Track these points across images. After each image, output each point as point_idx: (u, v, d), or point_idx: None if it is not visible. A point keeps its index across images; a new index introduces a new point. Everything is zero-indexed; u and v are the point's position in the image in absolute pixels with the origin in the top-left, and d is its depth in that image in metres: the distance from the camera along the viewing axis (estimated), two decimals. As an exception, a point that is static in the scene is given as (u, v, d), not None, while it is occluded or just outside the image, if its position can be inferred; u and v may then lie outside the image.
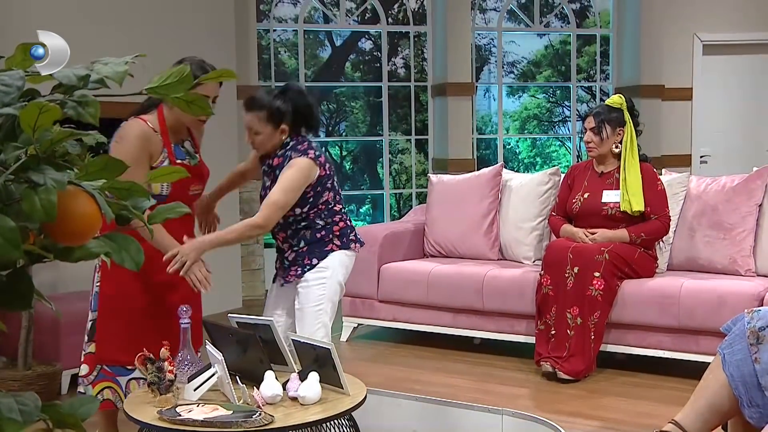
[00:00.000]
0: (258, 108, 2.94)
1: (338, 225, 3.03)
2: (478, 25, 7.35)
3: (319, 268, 2.99)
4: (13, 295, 0.98)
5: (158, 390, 2.48)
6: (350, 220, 3.12)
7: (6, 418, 0.94)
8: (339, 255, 3.01)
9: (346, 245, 3.05)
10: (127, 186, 1.08)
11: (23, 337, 3.86)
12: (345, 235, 3.05)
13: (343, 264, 3.04)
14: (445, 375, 3.73)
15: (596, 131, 3.82)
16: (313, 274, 3.00)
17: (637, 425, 2.94)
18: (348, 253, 3.06)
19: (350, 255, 3.07)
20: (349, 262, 3.07)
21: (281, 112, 2.95)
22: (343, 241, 3.04)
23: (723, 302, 3.44)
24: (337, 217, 3.04)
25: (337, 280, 3.01)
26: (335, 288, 3.02)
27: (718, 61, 7.24)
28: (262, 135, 2.95)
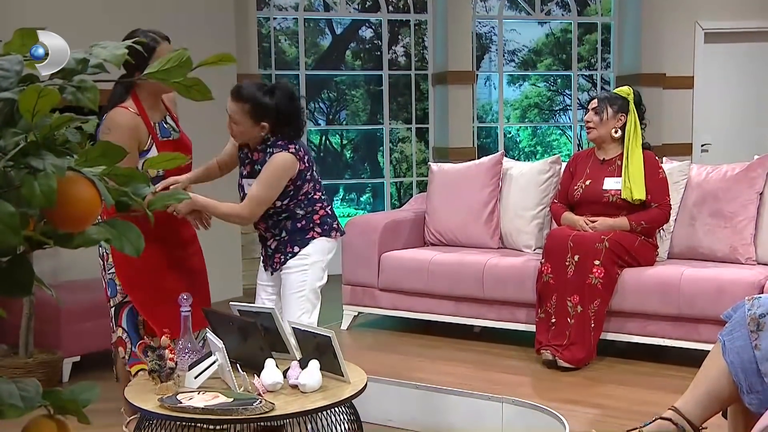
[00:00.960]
0: (243, 99, 2.95)
1: (318, 213, 3.07)
2: (479, 13, 7.32)
3: (300, 255, 3.05)
4: (13, 281, 0.98)
5: (159, 378, 2.49)
6: (331, 209, 3.16)
7: (8, 403, 0.94)
8: (320, 242, 3.06)
9: (327, 233, 3.09)
10: (127, 172, 1.08)
11: (24, 324, 3.87)
12: (325, 222, 3.09)
13: (324, 250, 3.08)
14: (445, 363, 3.73)
15: (597, 111, 3.82)
16: (295, 261, 3.05)
17: (637, 413, 2.95)
18: (329, 239, 3.10)
19: (331, 242, 3.11)
20: (330, 248, 3.11)
21: (264, 109, 2.94)
22: (324, 228, 3.08)
23: (723, 290, 3.44)
24: (317, 205, 3.08)
25: (318, 266, 3.07)
26: (317, 274, 3.07)
27: (719, 50, 7.22)
28: (241, 126, 2.96)
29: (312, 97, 7.27)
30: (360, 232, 4.41)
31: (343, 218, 7.20)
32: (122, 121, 2.80)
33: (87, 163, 1.03)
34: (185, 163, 2.92)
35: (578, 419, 2.95)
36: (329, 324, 4.28)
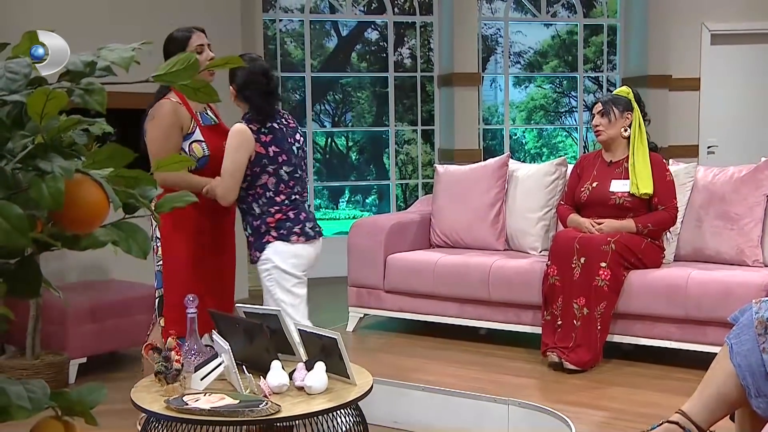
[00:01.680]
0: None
1: (273, 217, 3.09)
2: (485, 15, 7.32)
3: (261, 260, 3.12)
4: (21, 283, 0.99)
5: (165, 379, 2.49)
6: (297, 213, 3.13)
7: (16, 405, 0.94)
8: (275, 245, 3.09)
9: (285, 237, 3.10)
10: (134, 174, 1.08)
11: (31, 326, 3.88)
12: (282, 227, 3.10)
13: (282, 254, 3.10)
14: (451, 365, 3.73)
15: (603, 114, 3.82)
16: (259, 265, 3.14)
17: (643, 415, 2.94)
18: (287, 243, 3.10)
19: (291, 245, 3.11)
20: (293, 252, 3.11)
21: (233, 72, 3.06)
22: (281, 233, 3.10)
23: (730, 292, 3.43)
24: (274, 207, 3.09)
25: (280, 268, 3.10)
26: (281, 275, 3.11)
27: (725, 51, 7.20)
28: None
29: (318, 99, 7.28)
30: (366, 233, 4.41)
31: (348, 220, 7.21)
32: (163, 109, 3.04)
33: (94, 166, 1.03)
34: (193, 167, 3.04)
35: (584, 422, 2.94)
36: (335, 326, 4.28)
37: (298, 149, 3.21)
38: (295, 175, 3.16)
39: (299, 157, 3.21)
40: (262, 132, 3.07)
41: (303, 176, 3.22)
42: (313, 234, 3.18)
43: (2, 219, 0.87)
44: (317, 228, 3.22)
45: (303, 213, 3.17)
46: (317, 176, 7.18)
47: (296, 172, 3.16)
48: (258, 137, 3.06)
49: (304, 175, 3.24)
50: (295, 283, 3.14)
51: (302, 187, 3.21)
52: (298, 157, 3.20)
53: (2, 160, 0.92)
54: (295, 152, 3.17)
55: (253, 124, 3.07)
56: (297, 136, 3.24)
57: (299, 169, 3.19)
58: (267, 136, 3.07)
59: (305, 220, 3.16)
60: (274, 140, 3.09)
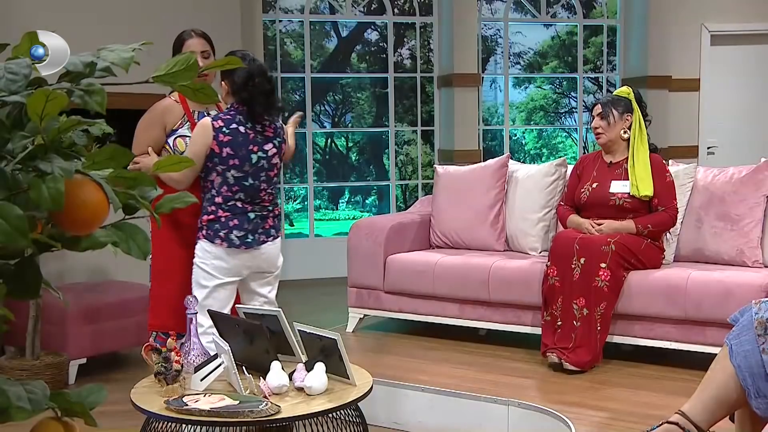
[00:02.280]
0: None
1: (208, 216, 3.10)
2: (485, 15, 7.32)
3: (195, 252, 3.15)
4: (21, 284, 0.99)
5: (165, 380, 2.49)
6: (229, 219, 3.10)
7: (15, 406, 0.94)
8: (202, 243, 3.12)
9: (211, 238, 3.10)
10: (134, 176, 1.09)
11: (31, 327, 3.88)
12: (211, 228, 3.09)
13: (203, 250, 3.11)
14: (450, 366, 3.73)
15: (603, 116, 3.82)
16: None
17: (643, 416, 2.94)
18: (212, 244, 3.10)
19: (215, 247, 3.10)
20: (216, 253, 3.10)
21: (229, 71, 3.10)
22: (208, 233, 3.10)
23: (730, 293, 3.43)
24: (212, 207, 3.10)
25: (198, 265, 3.12)
26: (200, 273, 3.12)
27: (725, 52, 7.20)
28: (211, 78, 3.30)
29: (318, 100, 7.28)
30: (365, 234, 4.41)
31: (348, 221, 7.21)
32: (157, 105, 3.21)
33: (94, 166, 1.04)
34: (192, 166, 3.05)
35: (584, 422, 2.94)
36: (335, 326, 4.28)
37: (261, 159, 3.12)
38: (244, 182, 3.09)
39: (258, 166, 3.11)
40: (223, 131, 3.06)
41: (257, 186, 3.12)
42: (239, 243, 3.09)
43: (2, 220, 0.87)
44: (248, 239, 3.10)
45: (235, 220, 3.09)
46: (317, 177, 7.18)
47: (246, 179, 3.09)
48: (217, 135, 3.05)
49: (261, 185, 3.13)
50: (214, 285, 3.10)
51: (251, 196, 3.12)
52: (257, 167, 3.11)
53: (2, 161, 0.92)
54: (252, 161, 3.09)
55: (218, 121, 3.07)
56: (267, 145, 3.14)
57: (252, 178, 3.10)
58: (226, 137, 3.06)
59: (234, 227, 3.08)
60: (231, 142, 3.06)
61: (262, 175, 3.14)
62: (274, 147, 3.17)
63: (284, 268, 6.85)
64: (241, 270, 3.14)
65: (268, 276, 3.24)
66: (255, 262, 3.15)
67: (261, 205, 3.16)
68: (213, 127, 3.06)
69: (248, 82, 3.04)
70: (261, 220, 3.15)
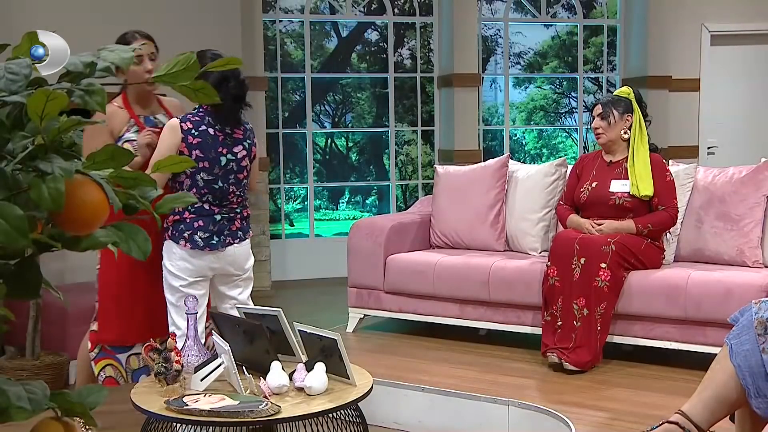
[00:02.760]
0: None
1: (174, 216, 3.09)
2: (485, 15, 7.32)
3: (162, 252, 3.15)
4: (21, 284, 0.98)
5: (165, 380, 2.49)
6: (194, 220, 3.10)
7: (15, 406, 0.94)
8: (168, 243, 3.12)
9: (176, 239, 3.10)
10: (134, 175, 1.09)
11: (31, 327, 3.89)
12: (176, 229, 3.10)
13: (169, 251, 3.12)
14: (451, 366, 3.73)
15: (603, 116, 3.82)
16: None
17: (643, 416, 2.94)
18: (177, 245, 3.10)
19: (179, 248, 3.10)
20: (180, 254, 3.10)
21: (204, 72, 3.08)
22: (174, 234, 3.11)
23: (730, 293, 3.43)
24: (177, 208, 3.06)
25: (165, 266, 3.12)
26: (166, 273, 3.13)
27: (726, 52, 7.20)
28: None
29: (318, 100, 7.28)
30: (365, 234, 4.41)
31: (348, 221, 7.21)
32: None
33: (94, 166, 1.03)
34: (194, 166, 3.05)
35: (584, 422, 2.94)
36: (335, 326, 4.28)
37: (230, 161, 3.12)
38: (214, 185, 3.09)
39: (227, 169, 3.12)
40: (192, 133, 3.05)
41: (226, 188, 3.12)
42: (203, 245, 3.10)
43: (2, 220, 0.87)
44: (212, 240, 3.11)
45: (200, 221, 3.09)
46: (317, 177, 7.18)
47: (216, 182, 3.09)
48: (186, 137, 3.05)
49: (229, 188, 3.13)
50: (181, 285, 3.10)
51: (220, 198, 3.12)
52: (226, 169, 3.11)
53: (2, 161, 0.92)
54: (221, 163, 3.10)
55: (187, 123, 3.06)
56: (236, 148, 3.13)
57: (222, 181, 3.10)
58: (195, 139, 3.06)
59: (199, 228, 3.09)
60: (201, 144, 3.06)
61: (231, 177, 3.13)
62: (243, 149, 3.17)
63: (284, 268, 6.87)
64: (206, 271, 3.15)
65: (236, 278, 3.24)
66: (220, 263, 3.15)
67: (229, 207, 3.16)
68: (182, 129, 3.04)
69: (221, 85, 2.99)
70: (227, 221, 3.15)
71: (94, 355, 3.14)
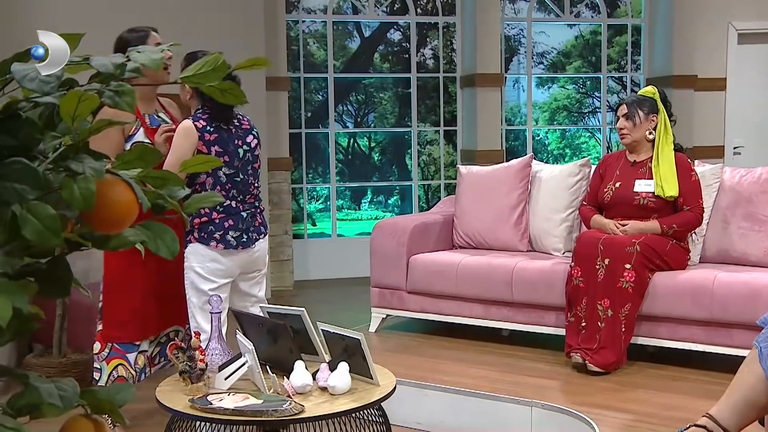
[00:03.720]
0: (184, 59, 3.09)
1: (201, 219, 3.08)
2: (508, 15, 7.29)
3: (185, 257, 3.12)
4: (52, 282, 1.00)
5: (190, 379, 2.51)
6: (224, 219, 3.10)
7: (47, 403, 0.95)
8: (195, 246, 3.11)
9: (205, 240, 3.09)
10: (163, 175, 1.10)
11: (58, 325, 3.93)
12: (205, 230, 3.09)
13: (197, 253, 3.10)
14: (473, 366, 3.72)
15: (628, 117, 3.79)
16: (184, 262, 3.14)
17: (668, 419, 2.92)
18: (206, 247, 3.09)
19: (209, 250, 3.09)
20: (211, 256, 3.10)
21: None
22: (202, 236, 3.09)
23: (757, 295, 3.39)
24: (203, 210, 3.08)
25: (193, 269, 3.11)
26: (193, 276, 3.11)
27: (753, 51, 7.11)
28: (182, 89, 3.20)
29: (340, 100, 7.29)
30: (388, 234, 4.41)
31: (370, 221, 7.21)
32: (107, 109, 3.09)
33: (124, 166, 1.05)
34: (221, 165, 3.05)
35: (608, 424, 2.92)
36: (357, 326, 4.29)
37: (246, 152, 3.15)
38: (236, 178, 3.11)
39: (245, 160, 3.15)
40: (207, 131, 3.06)
41: (247, 180, 3.15)
42: (236, 244, 3.11)
43: (35, 219, 0.88)
44: (243, 238, 3.13)
45: (230, 220, 3.11)
46: (339, 177, 7.19)
47: (237, 175, 3.11)
48: (202, 135, 3.05)
49: (249, 179, 3.17)
50: (210, 288, 3.11)
51: (243, 192, 3.14)
52: (244, 161, 3.14)
53: (35, 161, 0.94)
54: (240, 155, 3.13)
55: (199, 122, 3.07)
56: (248, 138, 3.18)
57: (242, 173, 3.13)
58: (211, 135, 3.07)
59: (230, 228, 3.10)
60: (218, 140, 3.08)
61: (249, 168, 3.17)
62: (254, 138, 3.23)
63: (307, 267, 6.89)
64: (235, 270, 3.16)
65: (256, 275, 3.27)
66: (249, 260, 3.18)
67: (250, 202, 3.19)
68: (196, 128, 3.05)
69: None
70: (251, 218, 3.18)
71: (105, 354, 3.16)
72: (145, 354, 3.17)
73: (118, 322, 3.14)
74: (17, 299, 0.89)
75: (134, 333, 3.13)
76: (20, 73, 0.93)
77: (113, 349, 3.15)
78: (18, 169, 0.91)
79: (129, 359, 3.14)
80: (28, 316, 0.93)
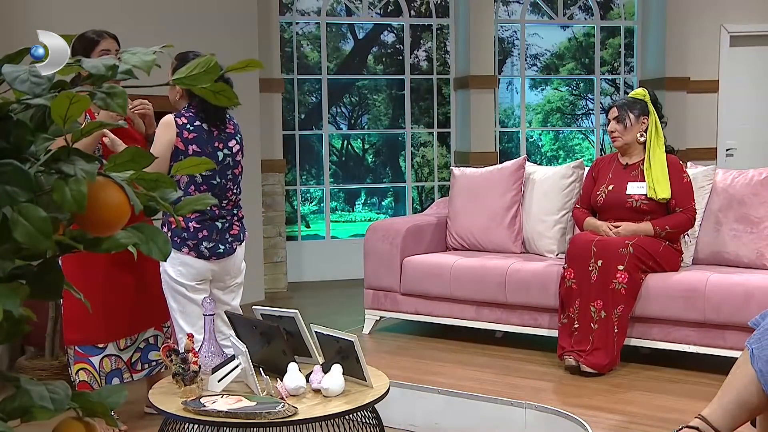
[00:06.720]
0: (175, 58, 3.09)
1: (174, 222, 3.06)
2: (501, 17, 7.30)
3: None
4: (44, 285, 0.99)
5: (183, 381, 2.50)
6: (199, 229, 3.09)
7: (38, 405, 0.95)
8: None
9: (177, 246, 3.07)
10: (155, 177, 1.09)
11: (50, 327, 3.92)
12: (177, 234, 3.07)
13: (172, 260, 3.07)
14: (467, 368, 3.72)
15: (619, 119, 3.80)
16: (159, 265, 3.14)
17: (661, 420, 2.92)
18: (177, 252, 3.07)
19: (180, 255, 3.08)
20: (181, 260, 3.08)
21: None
22: (174, 240, 3.06)
23: (750, 296, 3.40)
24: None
25: (167, 273, 3.10)
26: (167, 278, 3.10)
27: (745, 53, 7.14)
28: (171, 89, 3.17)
29: (334, 102, 7.29)
30: (382, 236, 4.41)
31: (364, 223, 7.21)
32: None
33: (116, 168, 1.04)
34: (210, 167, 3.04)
35: (601, 426, 2.93)
36: (351, 328, 4.28)
37: (227, 156, 3.14)
38: (212, 181, 3.09)
39: (225, 164, 3.13)
40: (187, 128, 3.05)
41: (225, 185, 3.13)
42: (208, 255, 3.11)
43: (26, 221, 0.88)
44: (218, 249, 3.12)
45: (204, 231, 3.09)
46: (333, 179, 7.19)
47: (214, 178, 3.09)
48: (181, 132, 3.04)
49: (228, 184, 3.14)
50: (185, 290, 3.10)
51: (219, 196, 3.12)
52: (223, 164, 3.12)
53: (26, 163, 0.93)
54: (219, 158, 3.11)
55: (181, 119, 3.05)
56: (230, 142, 3.16)
57: (219, 176, 3.11)
58: (190, 134, 3.05)
59: (203, 238, 3.09)
60: (197, 140, 3.06)
61: (228, 173, 3.15)
62: (237, 143, 3.20)
63: (300, 269, 6.88)
64: (207, 274, 3.15)
65: (231, 284, 3.25)
66: (219, 267, 3.16)
67: (228, 209, 3.16)
68: (176, 124, 3.04)
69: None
70: (228, 227, 3.16)
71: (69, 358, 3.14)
72: (113, 358, 3.12)
73: (75, 323, 3.08)
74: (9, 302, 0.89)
75: (95, 335, 3.07)
76: (11, 75, 0.93)
77: (75, 352, 3.10)
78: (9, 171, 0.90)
79: (93, 362, 3.08)
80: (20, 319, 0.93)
